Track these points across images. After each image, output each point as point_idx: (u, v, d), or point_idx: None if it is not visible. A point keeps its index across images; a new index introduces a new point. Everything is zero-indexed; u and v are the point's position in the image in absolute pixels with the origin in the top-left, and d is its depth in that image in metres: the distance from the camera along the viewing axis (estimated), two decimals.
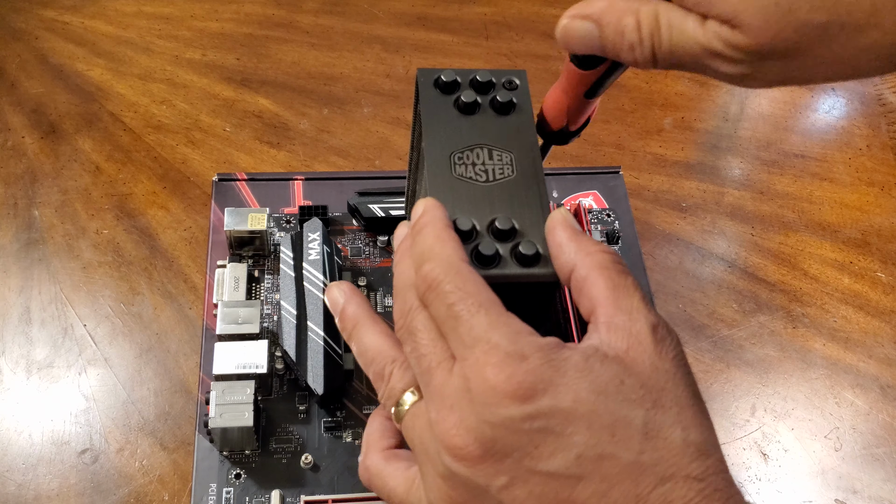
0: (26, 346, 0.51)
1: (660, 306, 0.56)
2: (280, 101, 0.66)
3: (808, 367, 0.55)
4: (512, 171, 0.34)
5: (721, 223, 0.62)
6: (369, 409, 0.49)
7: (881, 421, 0.53)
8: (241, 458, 0.46)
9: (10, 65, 0.66)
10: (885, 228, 0.63)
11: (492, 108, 0.36)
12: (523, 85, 0.37)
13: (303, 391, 0.49)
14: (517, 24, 0.74)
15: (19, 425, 0.48)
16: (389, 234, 0.55)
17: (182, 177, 0.60)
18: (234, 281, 0.51)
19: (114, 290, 0.54)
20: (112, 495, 0.46)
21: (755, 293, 0.58)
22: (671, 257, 0.59)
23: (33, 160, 0.60)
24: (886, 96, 0.72)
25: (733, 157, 0.66)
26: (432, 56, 0.71)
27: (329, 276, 0.50)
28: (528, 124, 0.36)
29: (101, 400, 0.50)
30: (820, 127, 0.70)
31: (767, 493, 0.50)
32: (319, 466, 0.46)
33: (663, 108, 0.69)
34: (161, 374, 0.51)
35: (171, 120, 0.64)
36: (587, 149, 0.65)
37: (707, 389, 0.53)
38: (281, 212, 0.56)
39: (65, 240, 0.56)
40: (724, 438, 0.51)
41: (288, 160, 0.62)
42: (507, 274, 0.31)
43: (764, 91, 0.71)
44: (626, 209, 0.59)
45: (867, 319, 0.57)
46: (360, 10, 0.73)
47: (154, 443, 0.48)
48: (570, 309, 0.46)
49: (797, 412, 0.53)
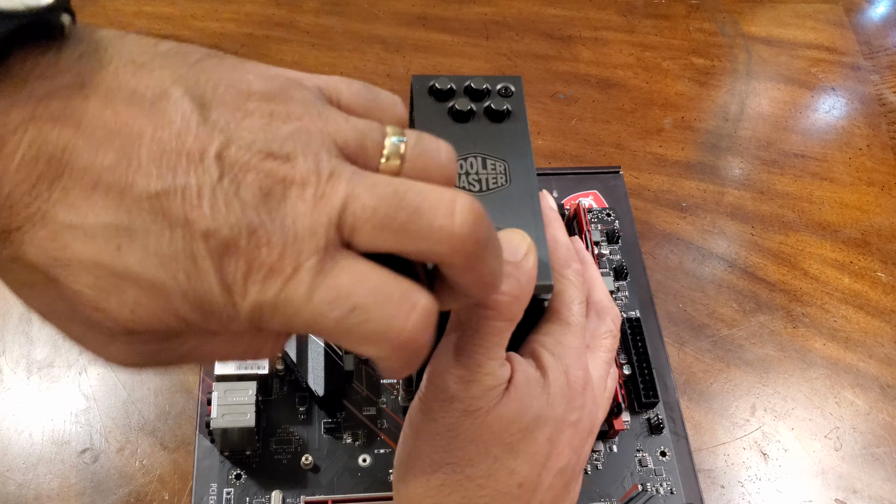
0: (26, 345, 0.51)
1: (660, 306, 0.56)
2: None
3: (808, 366, 0.55)
4: (506, 180, 0.34)
5: (721, 223, 0.62)
6: (369, 411, 0.49)
7: (881, 421, 0.53)
8: (241, 459, 0.46)
9: None
10: (885, 228, 0.63)
11: (486, 116, 0.36)
12: (518, 91, 0.37)
13: (303, 392, 0.49)
14: (517, 24, 0.74)
15: (19, 425, 0.48)
16: None
17: None
18: None
19: None
20: (112, 495, 0.46)
21: (755, 293, 0.58)
22: (671, 257, 0.59)
23: None
24: (886, 96, 0.72)
25: (733, 157, 0.66)
26: (432, 56, 0.71)
27: None
28: (523, 131, 0.36)
29: (102, 399, 0.50)
30: (820, 127, 0.70)
31: (767, 493, 0.50)
32: (319, 467, 0.47)
33: (663, 108, 0.69)
34: (161, 374, 0.51)
35: None
36: (587, 149, 0.65)
37: (707, 389, 0.53)
38: None
39: None
40: (724, 438, 0.51)
41: None
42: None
43: (764, 91, 0.71)
44: (626, 209, 0.59)
45: (867, 319, 0.57)
46: (360, 10, 0.73)
47: (154, 443, 0.48)
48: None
49: (797, 412, 0.53)
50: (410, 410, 0.32)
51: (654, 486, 0.48)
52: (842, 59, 0.75)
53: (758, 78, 0.72)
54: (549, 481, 0.31)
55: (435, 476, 0.30)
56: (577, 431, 0.32)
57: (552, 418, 0.31)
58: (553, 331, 0.33)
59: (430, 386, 0.31)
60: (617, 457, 0.49)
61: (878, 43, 0.77)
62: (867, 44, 0.76)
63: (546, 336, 0.33)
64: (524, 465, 0.31)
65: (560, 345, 0.32)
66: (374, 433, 0.48)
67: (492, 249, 0.24)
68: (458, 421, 0.30)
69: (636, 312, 0.54)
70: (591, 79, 0.70)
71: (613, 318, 0.36)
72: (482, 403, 0.30)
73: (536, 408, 0.31)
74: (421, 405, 0.31)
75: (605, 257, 0.57)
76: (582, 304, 0.34)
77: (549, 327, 0.33)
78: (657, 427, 0.49)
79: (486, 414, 0.30)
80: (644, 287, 0.56)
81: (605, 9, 0.76)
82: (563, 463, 0.32)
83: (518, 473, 0.30)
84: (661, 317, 0.55)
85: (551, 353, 0.32)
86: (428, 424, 0.30)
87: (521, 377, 0.31)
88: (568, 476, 0.33)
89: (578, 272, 0.35)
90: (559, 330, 0.33)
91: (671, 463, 0.49)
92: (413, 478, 0.31)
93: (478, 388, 0.30)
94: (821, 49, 0.75)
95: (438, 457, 0.30)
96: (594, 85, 0.70)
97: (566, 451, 0.32)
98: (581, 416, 0.32)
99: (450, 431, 0.30)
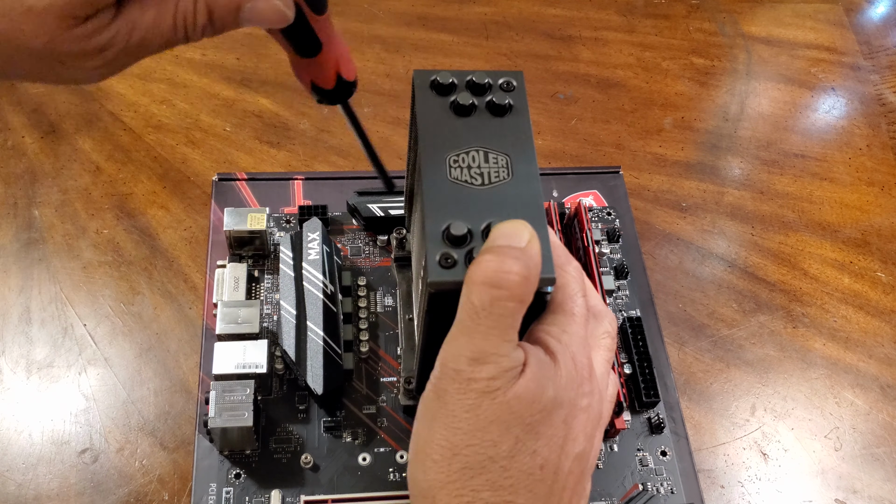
0: (26, 345, 0.51)
1: (660, 306, 0.56)
2: (280, 101, 0.66)
3: (808, 366, 0.55)
4: (508, 173, 0.34)
5: (721, 223, 0.62)
6: (369, 409, 0.49)
7: (881, 421, 0.53)
8: (240, 458, 0.46)
9: None
10: (885, 228, 0.63)
11: (488, 110, 0.36)
12: (520, 86, 0.37)
13: (302, 391, 0.49)
14: (517, 24, 0.74)
15: (19, 425, 0.48)
16: (389, 234, 0.55)
17: (182, 176, 0.60)
18: (233, 281, 0.51)
19: (114, 289, 0.54)
20: (112, 495, 0.46)
21: (755, 293, 0.58)
22: (671, 257, 0.59)
23: (33, 160, 0.60)
24: (886, 96, 0.72)
25: (733, 157, 0.66)
26: (432, 56, 0.71)
27: (328, 276, 0.50)
28: (525, 126, 0.36)
29: (101, 400, 0.50)
30: (820, 127, 0.70)
31: (767, 493, 0.50)
32: (319, 466, 0.46)
33: (663, 108, 0.69)
34: (161, 374, 0.51)
35: (171, 120, 0.64)
36: (587, 149, 0.65)
37: (707, 389, 0.53)
38: (281, 211, 0.56)
39: (65, 239, 0.56)
40: (724, 438, 0.51)
41: (288, 160, 0.62)
42: None
43: (764, 91, 0.71)
44: (626, 209, 0.59)
45: (867, 319, 0.57)
46: (360, 9, 0.73)
47: (154, 443, 0.48)
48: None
49: (797, 412, 0.53)
50: (423, 399, 0.32)
51: (655, 485, 0.48)
52: (842, 59, 0.75)
53: (758, 78, 0.72)
54: (568, 465, 0.32)
55: (456, 460, 0.30)
56: (589, 417, 0.33)
57: (566, 402, 0.31)
58: (557, 321, 0.33)
59: (443, 370, 0.31)
60: (617, 456, 0.49)
61: (878, 43, 0.77)
62: (867, 44, 0.76)
63: (551, 326, 0.33)
64: (545, 446, 0.31)
65: (565, 333, 0.33)
66: (374, 432, 0.48)
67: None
68: (476, 402, 0.30)
69: (636, 312, 0.54)
70: (591, 79, 0.70)
71: (610, 320, 0.37)
72: (500, 384, 0.30)
73: (552, 390, 0.31)
74: (435, 391, 0.31)
75: (605, 256, 0.57)
76: (583, 298, 0.35)
77: (553, 318, 0.33)
78: (658, 426, 0.49)
79: (504, 394, 0.30)
80: (644, 287, 0.56)
81: (605, 9, 0.76)
82: (580, 448, 0.32)
83: (539, 455, 0.31)
84: (661, 317, 0.55)
85: (557, 341, 0.32)
86: (444, 407, 0.30)
87: (534, 361, 0.31)
88: (584, 464, 0.33)
89: (579, 269, 0.35)
90: (563, 320, 0.33)
91: (671, 462, 0.49)
92: (433, 464, 0.31)
93: (494, 369, 0.30)
94: (821, 49, 0.75)
95: (459, 439, 0.30)
96: (594, 85, 0.70)
97: (580, 436, 0.32)
98: (591, 402, 0.33)
99: (468, 413, 0.30)
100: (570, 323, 0.33)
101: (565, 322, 0.33)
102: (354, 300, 0.52)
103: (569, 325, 0.33)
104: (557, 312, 0.34)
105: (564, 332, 0.33)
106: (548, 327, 0.33)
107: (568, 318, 0.33)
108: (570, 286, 0.34)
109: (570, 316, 0.33)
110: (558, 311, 0.34)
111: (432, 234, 0.32)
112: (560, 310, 0.34)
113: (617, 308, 0.55)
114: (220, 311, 0.49)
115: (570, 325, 0.33)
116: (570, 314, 0.33)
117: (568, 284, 0.34)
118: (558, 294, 0.34)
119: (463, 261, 0.31)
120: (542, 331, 0.33)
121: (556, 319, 0.33)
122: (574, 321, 0.33)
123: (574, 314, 0.33)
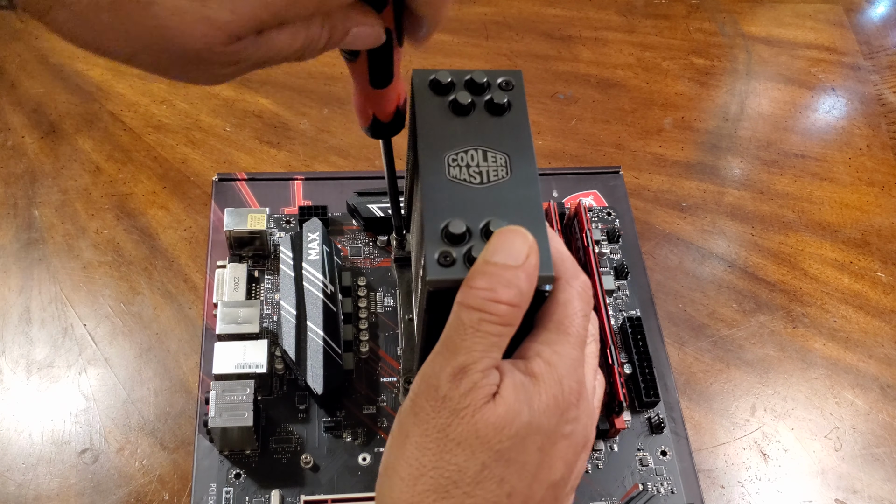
0: (26, 345, 0.51)
1: (660, 306, 0.56)
2: (280, 101, 0.66)
3: (808, 366, 0.55)
4: (506, 172, 0.34)
5: (721, 223, 0.62)
6: (369, 409, 0.49)
7: (881, 421, 0.53)
8: (240, 458, 0.46)
9: (10, 64, 0.66)
10: (885, 228, 0.63)
11: (486, 109, 0.36)
12: (519, 85, 0.37)
13: (302, 391, 0.49)
14: (517, 24, 0.74)
15: (19, 425, 0.48)
16: (389, 234, 0.55)
17: (182, 177, 0.60)
18: (233, 281, 0.51)
19: (114, 289, 0.54)
20: (112, 495, 0.46)
21: (755, 293, 0.58)
22: (671, 257, 0.59)
23: (33, 160, 0.60)
24: (886, 96, 0.72)
25: (733, 157, 0.66)
26: (432, 56, 0.71)
27: (328, 276, 0.50)
28: (523, 125, 0.36)
29: (101, 400, 0.50)
30: (820, 127, 0.70)
31: (767, 493, 0.50)
32: (319, 466, 0.46)
33: (663, 108, 0.69)
34: (161, 374, 0.51)
35: (171, 120, 0.64)
36: (587, 149, 0.65)
37: (707, 389, 0.53)
38: (281, 212, 0.56)
39: (65, 240, 0.56)
40: (724, 438, 0.51)
41: (288, 160, 0.62)
42: None
43: (764, 91, 0.71)
44: (626, 209, 0.59)
45: (867, 319, 0.57)
46: None
47: (154, 443, 0.48)
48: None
49: (797, 412, 0.53)
50: (400, 412, 0.31)
51: (655, 485, 0.48)
52: (842, 59, 0.75)
53: (758, 78, 0.72)
54: (540, 494, 0.30)
55: (421, 481, 0.29)
56: (571, 444, 0.31)
57: (544, 428, 0.30)
58: (552, 340, 0.32)
59: (422, 385, 0.30)
60: (618, 456, 0.49)
61: (878, 43, 0.77)
62: (867, 44, 0.76)
63: (544, 345, 0.32)
64: (514, 474, 0.30)
65: (557, 354, 0.31)
66: (374, 432, 0.48)
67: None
68: (447, 422, 0.29)
69: (636, 312, 0.54)
70: (591, 79, 0.70)
71: (582, 284, 0.34)
72: (469, 401, 0.29)
73: (527, 416, 0.30)
74: (412, 406, 0.30)
75: (605, 256, 0.57)
76: (585, 318, 0.33)
77: (548, 336, 0.32)
78: (658, 426, 0.49)
79: (471, 414, 0.29)
80: (644, 287, 0.56)
81: (605, 9, 0.76)
82: (556, 476, 0.31)
83: (508, 483, 0.30)
84: (661, 317, 0.55)
85: (546, 362, 0.31)
86: (418, 426, 0.30)
87: (509, 383, 0.30)
88: (560, 491, 0.32)
89: (586, 285, 0.34)
90: (558, 339, 0.32)
91: (671, 462, 0.49)
92: (399, 481, 0.30)
93: (467, 384, 0.29)
94: (821, 49, 0.75)
95: (427, 460, 0.29)
96: (594, 85, 0.70)
97: (558, 463, 0.31)
98: (575, 429, 0.31)
99: (439, 433, 0.29)
100: (564, 343, 0.32)
101: (560, 342, 0.32)
102: (354, 300, 0.52)
103: (563, 346, 0.32)
104: (554, 330, 0.32)
105: (556, 352, 0.31)
106: (539, 346, 0.32)
107: (563, 337, 0.32)
108: (572, 304, 0.33)
109: (566, 336, 0.32)
110: (555, 329, 0.32)
111: (431, 233, 0.32)
112: (557, 328, 0.32)
113: (617, 308, 0.55)
114: (220, 311, 0.49)
115: (564, 346, 0.32)
116: (566, 333, 0.32)
117: (571, 302, 0.33)
118: (559, 310, 0.32)
119: (462, 259, 0.31)
120: (531, 349, 0.32)
121: (549, 338, 0.32)
122: (569, 341, 0.32)
123: (570, 334, 0.32)
